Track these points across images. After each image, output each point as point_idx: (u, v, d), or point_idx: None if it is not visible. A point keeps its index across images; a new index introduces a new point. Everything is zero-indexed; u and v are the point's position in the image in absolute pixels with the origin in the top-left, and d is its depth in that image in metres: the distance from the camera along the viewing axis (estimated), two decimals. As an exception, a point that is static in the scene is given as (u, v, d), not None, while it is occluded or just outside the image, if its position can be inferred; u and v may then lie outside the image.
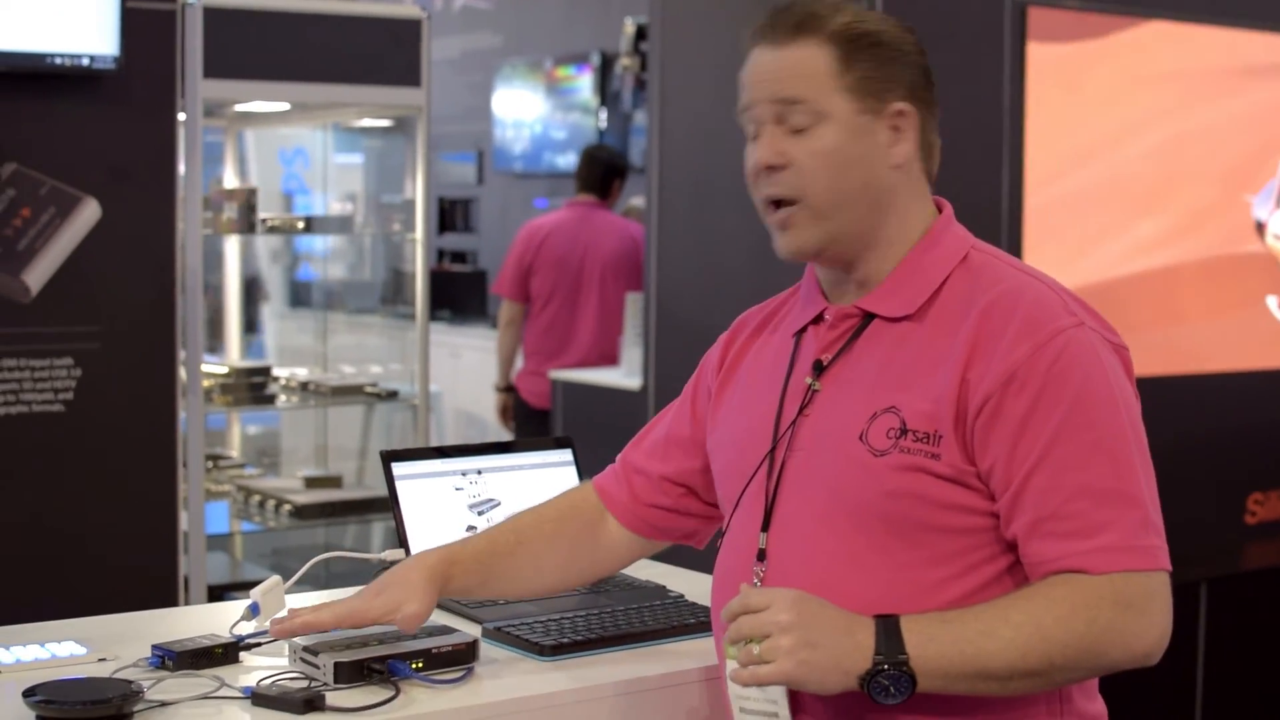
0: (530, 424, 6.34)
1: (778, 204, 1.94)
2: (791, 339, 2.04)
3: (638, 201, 7.17)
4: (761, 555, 1.94)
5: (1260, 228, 4.86)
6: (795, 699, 1.85)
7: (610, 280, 6.27)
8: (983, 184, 4.45)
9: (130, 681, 1.93)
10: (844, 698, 1.79)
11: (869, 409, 1.89)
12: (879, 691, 1.74)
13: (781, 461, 1.95)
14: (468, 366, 8.42)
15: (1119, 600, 1.76)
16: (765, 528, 1.95)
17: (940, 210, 2.01)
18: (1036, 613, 1.76)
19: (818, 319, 2.01)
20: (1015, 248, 4.27)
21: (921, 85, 1.96)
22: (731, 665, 1.81)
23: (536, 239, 6.34)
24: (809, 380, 1.97)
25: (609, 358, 6.25)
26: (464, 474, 2.51)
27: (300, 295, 6.40)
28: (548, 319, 6.30)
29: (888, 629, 1.76)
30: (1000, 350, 1.83)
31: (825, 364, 1.96)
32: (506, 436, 6.58)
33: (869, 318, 1.96)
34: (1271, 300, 4.90)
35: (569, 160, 9.25)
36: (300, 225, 4.90)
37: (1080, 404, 1.81)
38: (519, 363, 6.48)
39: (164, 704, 1.91)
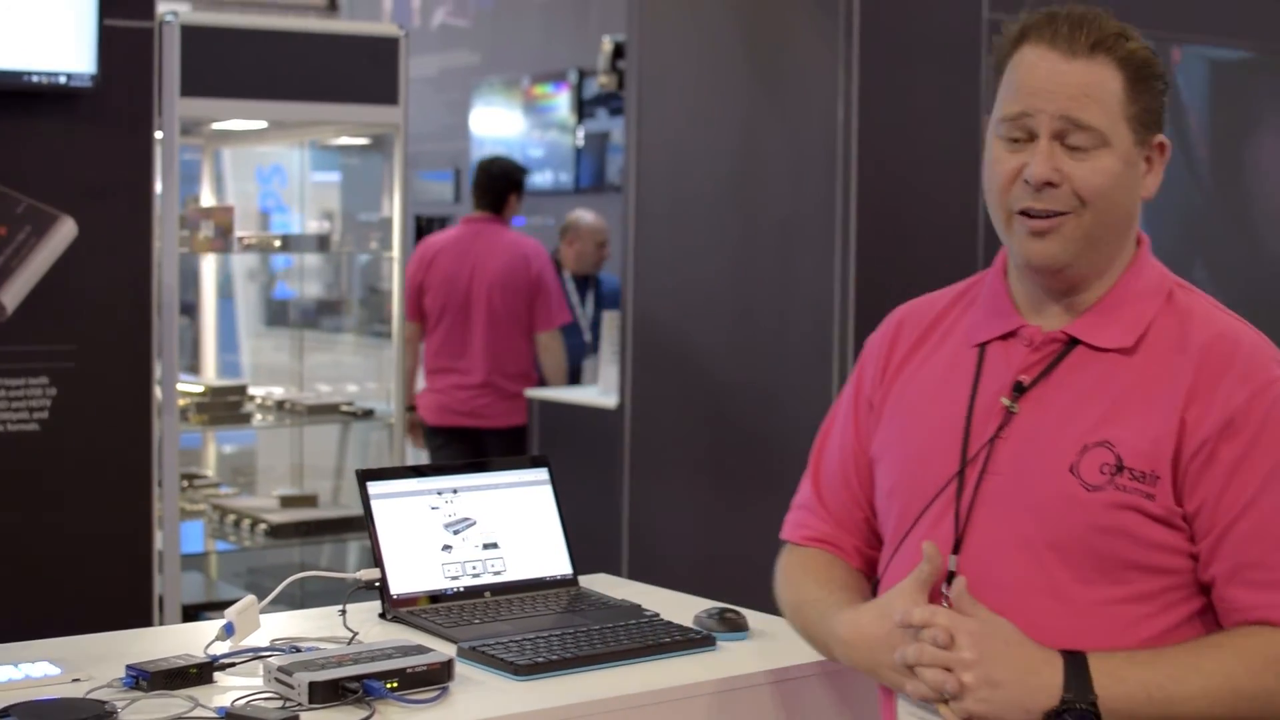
0: (430, 442, 6.26)
1: (1028, 212, 1.89)
2: (973, 350, 1.99)
3: (580, 214, 7.06)
4: (950, 578, 1.88)
5: None
6: None
7: (498, 298, 6.11)
8: (961, 195, 4.48)
9: (104, 702, 1.93)
10: None
11: (1078, 441, 1.86)
12: None
13: (975, 483, 1.91)
14: (445, 385, 8.39)
15: None
16: (956, 550, 1.90)
17: (1139, 243, 1.98)
18: (1228, 662, 1.77)
19: (1007, 335, 1.97)
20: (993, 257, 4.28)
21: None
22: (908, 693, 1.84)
23: (427, 258, 6.22)
24: (1006, 402, 1.92)
25: (508, 377, 6.14)
26: (439, 493, 2.51)
27: (277, 313, 6.39)
28: (440, 338, 6.19)
29: (1077, 668, 1.76)
30: (1220, 395, 1.83)
31: (1026, 386, 1.92)
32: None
33: (1073, 343, 1.93)
34: None
35: (546, 178, 9.25)
36: (277, 243, 4.90)
37: None
38: (420, 383, 6.41)
39: (138, 724, 1.91)
